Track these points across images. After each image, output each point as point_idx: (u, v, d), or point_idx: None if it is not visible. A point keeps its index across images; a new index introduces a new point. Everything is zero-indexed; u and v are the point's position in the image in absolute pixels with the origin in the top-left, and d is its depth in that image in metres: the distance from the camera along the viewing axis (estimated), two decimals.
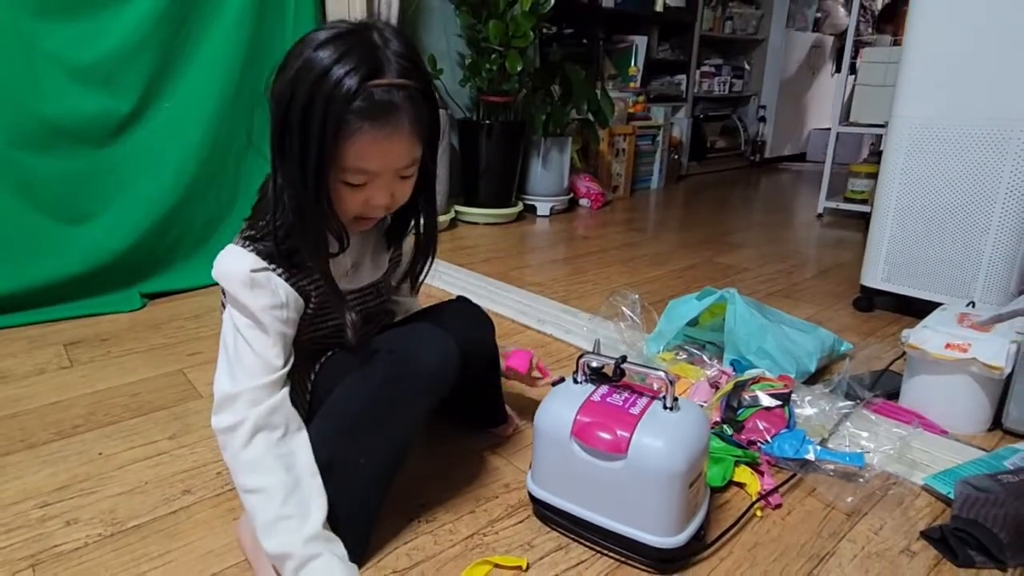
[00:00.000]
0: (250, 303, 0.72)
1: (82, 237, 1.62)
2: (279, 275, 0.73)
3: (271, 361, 0.73)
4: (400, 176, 0.73)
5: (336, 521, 0.73)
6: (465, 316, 0.94)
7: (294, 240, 0.72)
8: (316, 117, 0.64)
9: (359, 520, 0.77)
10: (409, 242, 0.91)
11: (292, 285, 0.75)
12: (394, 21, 2.31)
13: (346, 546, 0.72)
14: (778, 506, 0.89)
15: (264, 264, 0.72)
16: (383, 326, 0.91)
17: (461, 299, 0.98)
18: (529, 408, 1.13)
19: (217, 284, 0.75)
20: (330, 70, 0.64)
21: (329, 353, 0.84)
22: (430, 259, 0.87)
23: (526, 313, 1.62)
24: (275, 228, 0.72)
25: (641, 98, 3.54)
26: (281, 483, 0.69)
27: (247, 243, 0.74)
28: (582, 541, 0.81)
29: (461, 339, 0.81)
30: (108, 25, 1.62)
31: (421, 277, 0.89)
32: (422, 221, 0.84)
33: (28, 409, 1.13)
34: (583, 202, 3.10)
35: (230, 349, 0.73)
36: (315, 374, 0.81)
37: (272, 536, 0.68)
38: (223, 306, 0.78)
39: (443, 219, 2.53)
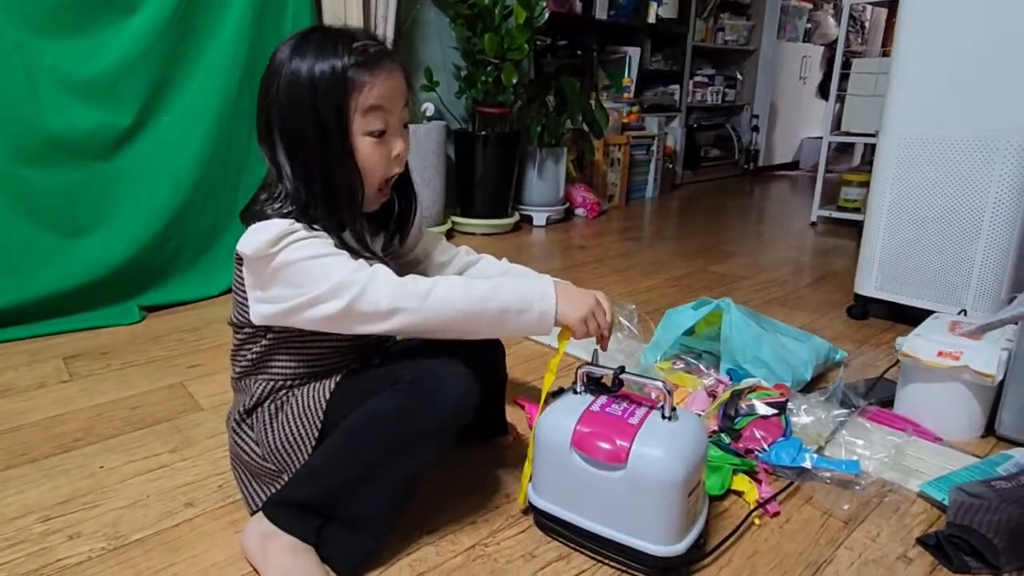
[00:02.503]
0: (296, 247, 0.72)
1: (81, 250, 1.62)
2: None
3: (350, 260, 0.73)
4: (403, 124, 0.81)
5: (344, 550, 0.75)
6: (479, 341, 0.91)
7: (329, 203, 0.76)
8: (324, 93, 0.73)
9: (370, 541, 0.79)
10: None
11: None
12: (391, 35, 2.33)
13: None
14: (776, 514, 0.90)
15: (292, 220, 0.74)
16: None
17: None
18: (527, 418, 1.14)
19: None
20: (317, 56, 0.73)
21: (343, 374, 0.83)
22: (414, 205, 0.92)
23: None
24: (301, 205, 0.75)
25: (635, 108, 3.57)
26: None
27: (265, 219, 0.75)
28: (583, 551, 0.82)
29: (477, 365, 0.79)
30: (108, 40, 1.63)
31: (411, 220, 0.92)
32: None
33: (29, 423, 1.13)
34: (579, 211, 3.12)
35: (303, 281, 0.71)
36: (331, 393, 0.79)
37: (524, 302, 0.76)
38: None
39: (440, 230, 2.55)
